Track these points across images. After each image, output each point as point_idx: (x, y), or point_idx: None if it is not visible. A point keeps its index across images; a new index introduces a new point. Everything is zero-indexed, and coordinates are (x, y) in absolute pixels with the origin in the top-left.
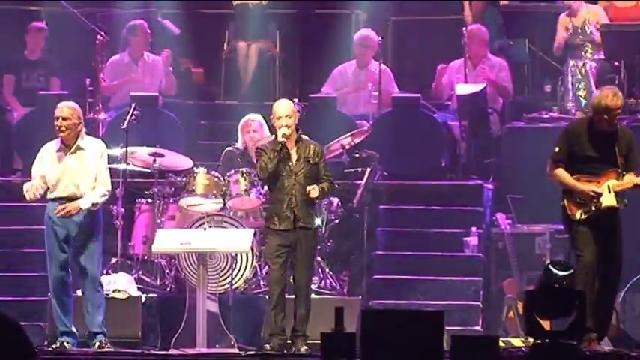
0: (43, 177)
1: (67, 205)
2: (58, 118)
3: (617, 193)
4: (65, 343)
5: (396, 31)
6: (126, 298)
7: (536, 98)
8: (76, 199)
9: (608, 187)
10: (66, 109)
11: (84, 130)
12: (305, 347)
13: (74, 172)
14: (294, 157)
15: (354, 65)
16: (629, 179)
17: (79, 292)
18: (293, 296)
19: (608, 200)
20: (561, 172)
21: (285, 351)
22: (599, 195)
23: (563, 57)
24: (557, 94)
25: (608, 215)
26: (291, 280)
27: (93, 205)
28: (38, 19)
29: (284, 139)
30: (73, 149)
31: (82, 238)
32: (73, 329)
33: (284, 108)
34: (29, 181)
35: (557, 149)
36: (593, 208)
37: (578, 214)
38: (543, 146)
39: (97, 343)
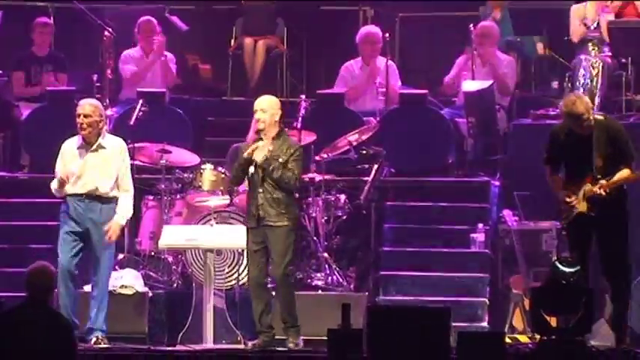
0: (65, 174)
1: (111, 235)
2: (79, 115)
3: (590, 199)
4: None
5: (403, 27)
6: (133, 294)
7: (543, 94)
8: (95, 197)
9: (583, 192)
10: (88, 106)
11: (106, 127)
12: (293, 341)
13: (94, 170)
14: (263, 155)
15: (361, 62)
16: (605, 181)
17: (86, 288)
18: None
19: (580, 206)
20: (550, 178)
21: (274, 347)
22: (568, 203)
23: (572, 53)
24: (565, 90)
25: (601, 218)
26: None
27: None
28: (46, 16)
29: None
30: (94, 147)
31: (99, 236)
32: (76, 322)
33: (261, 101)
34: (49, 177)
35: (545, 154)
36: (570, 214)
37: (564, 219)
38: None
39: (94, 339)
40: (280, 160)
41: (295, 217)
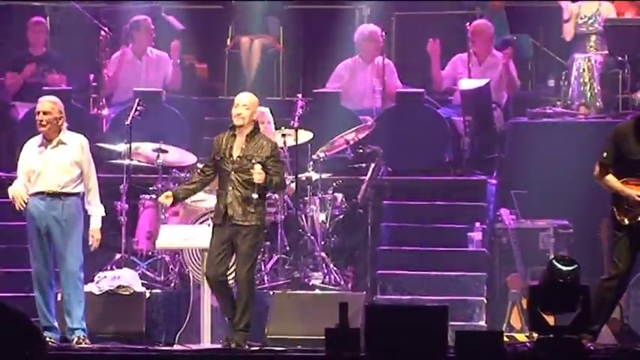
0: (27, 173)
1: (94, 243)
2: (38, 113)
3: None
4: (48, 339)
5: (399, 26)
6: (130, 294)
7: (539, 93)
8: (56, 194)
9: None
10: (47, 103)
11: (65, 124)
12: (238, 343)
13: (55, 167)
14: (236, 152)
15: (359, 60)
16: None
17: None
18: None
19: None
20: (609, 177)
21: (247, 347)
22: None
23: (567, 51)
24: (561, 88)
25: None
26: None
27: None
28: (41, 16)
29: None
30: (54, 143)
31: (61, 232)
32: (55, 324)
33: (243, 97)
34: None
35: (605, 154)
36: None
37: (626, 220)
38: (547, 141)
39: (76, 339)
40: (253, 160)
41: (263, 217)
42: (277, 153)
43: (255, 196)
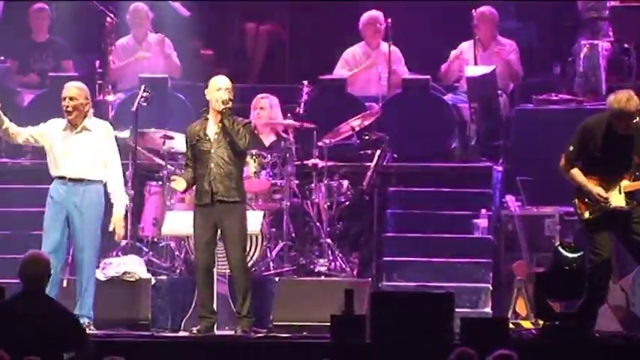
0: (38, 133)
1: (117, 232)
2: (65, 99)
3: (627, 194)
4: None
5: (406, 12)
6: (136, 281)
7: (545, 80)
8: (77, 179)
9: (619, 187)
10: (73, 89)
11: (91, 111)
12: (244, 328)
13: (79, 153)
14: (214, 130)
15: (365, 47)
16: (639, 182)
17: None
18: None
19: (616, 200)
20: (574, 171)
21: (210, 333)
22: (605, 199)
23: (574, 37)
24: (567, 75)
25: (628, 214)
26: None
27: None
28: (43, 2)
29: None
30: (79, 129)
31: (80, 219)
32: None
33: (225, 81)
34: (40, 163)
35: (571, 147)
36: (601, 208)
37: (587, 214)
38: (553, 128)
39: None
40: (233, 132)
41: (244, 192)
42: (250, 125)
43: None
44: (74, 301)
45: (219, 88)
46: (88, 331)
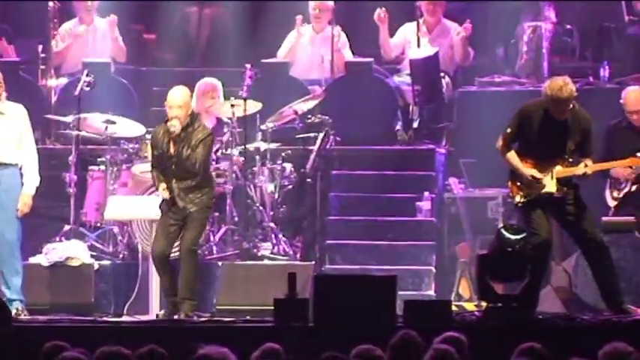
0: None
1: (23, 208)
2: None
3: (560, 180)
4: None
5: None
6: (78, 266)
7: (488, 61)
8: None
9: (552, 172)
10: None
11: (4, 94)
12: (186, 312)
13: None
14: (172, 148)
15: (310, 30)
16: (574, 168)
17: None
18: None
19: (548, 186)
20: (510, 154)
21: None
22: (538, 180)
23: (516, 19)
24: (510, 57)
25: (567, 199)
26: None
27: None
28: None
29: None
30: None
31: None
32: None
33: (177, 98)
34: None
35: (508, 130)
36: (533, 192)
37: (518, 197)
38: (496, 110)
39: (14, 310)
40: (191, 148)
41: (212, 193)
42: (208, 140)
43: None
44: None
45: (170, 106)
46: (22, 316)
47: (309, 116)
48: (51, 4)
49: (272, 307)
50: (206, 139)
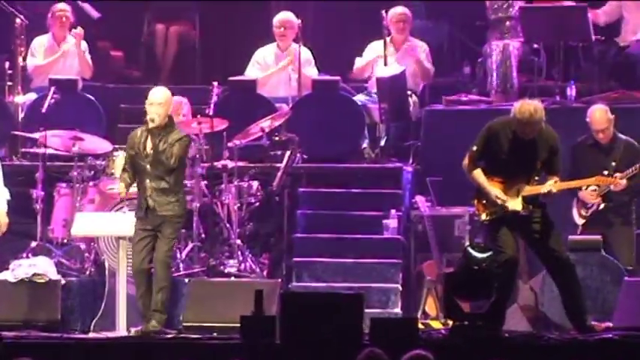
0: None
1: (1, 226)
2: None
3: (525, 199)
4: None
5: (317, 13)
6: (45, 282)
7: (455, 80)
8: None
9: (518, 190)
10: None
11: None
12: (155, 325)
13: None
14: (149, 146)
15: (275, 48)
16: (539, 187)
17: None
18: None
19: (513, 204)
20: (476, 172)
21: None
22: (502, 200)
23: (483, 37)
24: (477, 75)
25: (533, 218)
26: None
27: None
28: None
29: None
30: None
31: None
32: None
33: (158, 94)
34: None
35: (474, 147)
36: (498, 211)
37: (484, 215)
38: (462, 128)
39: None
40: (165, 152)
41: (185, 204)
42: (185, 140)
43: None
44: None
45: (151, 103)
46: None
47: (276, 134)
48: (18, 20)
49: (239, 325)
50: (183, 139)
